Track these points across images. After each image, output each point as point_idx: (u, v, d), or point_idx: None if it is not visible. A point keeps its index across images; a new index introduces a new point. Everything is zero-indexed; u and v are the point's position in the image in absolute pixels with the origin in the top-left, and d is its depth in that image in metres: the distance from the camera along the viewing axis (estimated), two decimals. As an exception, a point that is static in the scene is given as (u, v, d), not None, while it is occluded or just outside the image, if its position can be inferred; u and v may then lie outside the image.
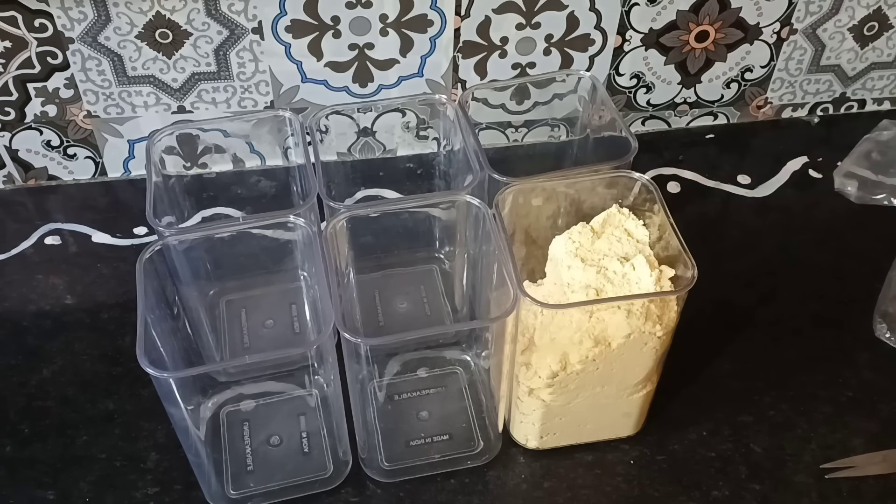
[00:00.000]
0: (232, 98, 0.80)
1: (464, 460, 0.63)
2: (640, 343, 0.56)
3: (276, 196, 0.80)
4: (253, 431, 0.64)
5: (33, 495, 0.61)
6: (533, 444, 0.63)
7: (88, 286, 0.75)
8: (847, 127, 0.91)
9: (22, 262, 0.77)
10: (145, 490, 0.61)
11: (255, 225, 0.61)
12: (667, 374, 0.62)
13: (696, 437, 0.65)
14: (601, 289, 0.55)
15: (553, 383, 0.57)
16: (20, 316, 0.73)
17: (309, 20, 0.76)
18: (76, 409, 0.66)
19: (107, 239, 0.79)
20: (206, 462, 0.60)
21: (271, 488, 0.61)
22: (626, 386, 0.59)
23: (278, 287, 0.72)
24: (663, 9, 0.80)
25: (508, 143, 0.87)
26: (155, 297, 0.57)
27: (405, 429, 0.64)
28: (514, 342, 0.57)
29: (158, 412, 0.55)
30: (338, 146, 0.82)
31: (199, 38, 0.75)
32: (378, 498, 0.61)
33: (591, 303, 0.55)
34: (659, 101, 0.89)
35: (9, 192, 0.84)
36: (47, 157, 0.83)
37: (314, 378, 0.66)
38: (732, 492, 0.62)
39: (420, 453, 0.63)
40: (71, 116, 0.80)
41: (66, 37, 0.74)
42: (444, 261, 0.75)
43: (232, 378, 0.66)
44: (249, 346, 0.70)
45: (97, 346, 0.70)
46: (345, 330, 0.52)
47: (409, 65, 0.80)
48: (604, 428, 0.63)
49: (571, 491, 0.62)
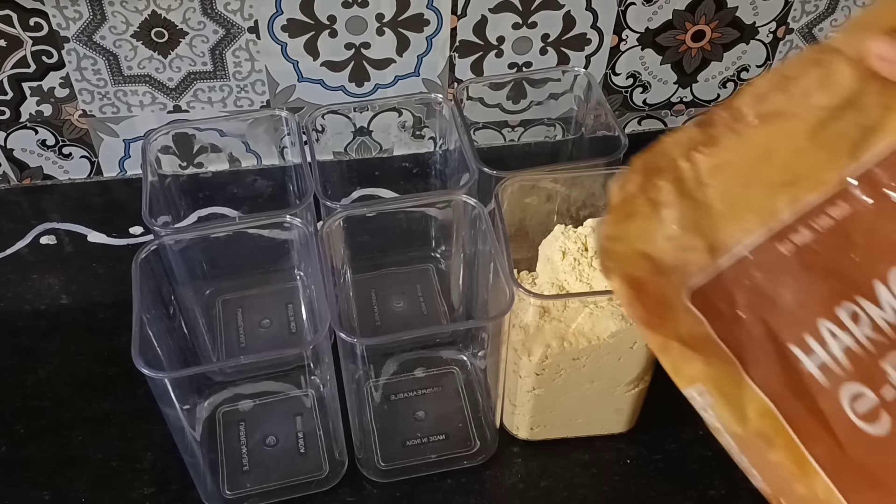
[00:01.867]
0: (228, 97, 0.80)
1: (460, 460, 0.63)
2: (629, 341, 0.56)
3: (273, 196, 0.80)
4: (249, 431, 0.64)
5: (29, 496, 0.61)
6: (524, 435, 0.63)
7: (84, 286, 0.75)
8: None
9: (17, 261, 0.77)
10: (141, 490, 0.61)
11: (252, 224, 0.61)
12: (662, 373, 0.61)
13: (693, 437, 0.65)
14: (591, 287, 0.56)
15: (540, 372, 0.57)
16: (15, 316, 0.73)
17: (305, 19, 0.75)
18: (72, 410, 0.66)
19: (102, 238, 0.79)
20: (202, 462, 0.60)
21: (267, 488, 0.61)
22: (616, 383, 0.59)
23: (275, 287, 0.72)
24: (659, 8, 0.80)
25: (504, 143, 0.87)
26: (151, 296, 0.57)
27: (402, 429, 0.64)
28: (509, 341, 0.57)
29: (154, 412, 0.55)
30: (334, 146, 0.82)
31: (195, 38, 0.75)
32: (374, 498, 0.61)
33: (580, 295, 0.55)
34: (655, 101, 0.89)
35: (4, 191, 0.83)
36: (42, 156, 0.82)
37: (310, 378, 0.66)
38: (729, 491, 0.62)
39: (416, 453, 0.63)
40: (66, 116, 0.79)
41: (62, 36, 0.74)
42: (441, 260, 0.75)
43: (228, 378, 0.66)
44: (245, 346, 0.70)
45: (93, 346, 0.70)
46: (341, 330, 0.52)
47: (405, 64, 0.80)
48: (595, 423, 0.63)
49: (568, 490, 0.62)
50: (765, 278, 0.34)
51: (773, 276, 0.34)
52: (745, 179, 0.35)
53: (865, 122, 0.35)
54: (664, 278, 0.34)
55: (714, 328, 0.34)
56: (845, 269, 0.34)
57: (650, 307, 0.34)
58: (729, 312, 0.34)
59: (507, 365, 0.59)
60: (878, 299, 0.33)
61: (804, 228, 0.34)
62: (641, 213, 0.35)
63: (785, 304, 0.33)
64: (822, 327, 0.33)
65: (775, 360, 0.33)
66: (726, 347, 0.33)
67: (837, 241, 0.34)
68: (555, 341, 0.56)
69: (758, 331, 0.33)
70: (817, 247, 0.34)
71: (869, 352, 0.33)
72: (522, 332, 0.57)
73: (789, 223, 0.34)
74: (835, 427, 0.32)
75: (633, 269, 0.34)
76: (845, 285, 0.33)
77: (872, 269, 0.33)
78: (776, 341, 0.33)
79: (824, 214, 0.34)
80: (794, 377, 0.33)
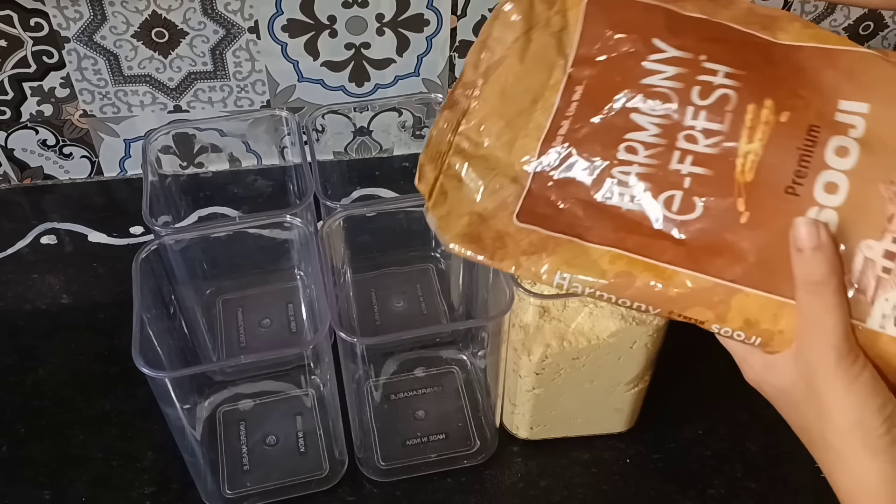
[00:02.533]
0: (228, 97, 0.80)
1: (460, 459, 0.63)
2: (629, 340, 0.56)
3: (273, 195, 0.80)
4: (249, 431, 0.64)
5: (29, 495, 0.61)
6: (524, 434, 0.63)
7: (84, 286, 0.75)
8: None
9: (18, 261, 0.77)
10: (141, 490, 0.61)
11: (252, 224, 0.61)
12: (662, 373, 0.62)
13: (692, 436, 0.65)
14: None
15: (540, 372, 0.57)
16: (16, 315, 0.73)
17: (305, 19, 0.76)
18: (72, 409, 0.66)
19: (103, 238, 0.79)
20: (202, 462, 0.60)
21: (267, 488, 0.61)
22: (616, 382, 0.60)
23: (275, 286, 0.72)
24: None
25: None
26: (151, 296, 0.57)
27: (401, 428, 0.64)
28: (509, 340, 0.57)
29: (155, 412, 0.55)
30: (334, 145, 0.82)
31: (195, 38, 0.75)
32: (374, 497, 0.61)
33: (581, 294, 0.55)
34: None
35: (4, 191, 0.83)
36: (43, 156, 0.82)
37: (310, 378, 0.66)
38: (728, 490, 0.62)
39: (416, 453, 0.63)
40: (67, 116, 0.80)
41: (62, 36, 0.74)
42: (441, 260, 0.75)
43: (228, 378, 0.66)
44: (246, 345, 0.70)
45: (93, 345, 0.70)
46: (341, 329, 0.52)
47: (405, 64, 0.80)
48: (595, 423, 0.63)
49: (568, 490, 0.62)
50: (559, 171, 0.42)
51: (563, 165, 0.42)
52: (504, 120, 0.43)
53: (553, 29, 0.44)
54: (494, 219, 0.42)
55: (545, 228, 0.41)
56: (605, 124, 0.41)
57: (490, 246, 0.41)
58: (550, 211, 0.41)
59: (507, 364, 0.59)
60: (638, 125, 0.41)
61: (562, 121, 0.42)
62: (450, 188, 0.43)
63: (583, 176, 0.41)
64: (616, 172, 0.41)
65: (600, 218, 0.41)
66: (562, 234, 0.41)
67: (588, 111, 0.42)
68: (554, 341, 0.56)
69: (577, 208, 0.41)
70: (578, 125, 0.42)
71: (656, 165, 0.40)
72: (522, 332, 0.57)
73: (551, 125, 0.42)
74: (667, 232, 0.40)
75: (466, 229, 0.42)
76: (612, 133, 0.41)
77: (623, 110, 0.41)
78: (593, 204, 0.41)
79: (570, 102, 0.42)
80: (619, 220, 0.41)
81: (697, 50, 0.41)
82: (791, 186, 0.39)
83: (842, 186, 0.38)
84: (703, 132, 0.40)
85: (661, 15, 0.42)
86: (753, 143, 0.39)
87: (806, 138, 0.39)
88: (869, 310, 0.37)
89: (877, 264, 0.37)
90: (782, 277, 0.38)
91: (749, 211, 0.39)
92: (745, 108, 0.40)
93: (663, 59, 0.41)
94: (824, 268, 0.36)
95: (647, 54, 0.42)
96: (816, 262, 0.36)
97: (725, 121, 0.40)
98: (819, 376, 0.36)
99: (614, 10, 0.43)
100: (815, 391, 0.37)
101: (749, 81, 0.40)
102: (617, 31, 0.42)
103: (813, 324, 0.36)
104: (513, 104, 0.43)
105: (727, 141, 0.40)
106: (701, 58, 0.41)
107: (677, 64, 0.41)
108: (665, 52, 0.41)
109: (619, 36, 0.42)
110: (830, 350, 0.36)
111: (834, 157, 0.38)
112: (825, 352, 0.36)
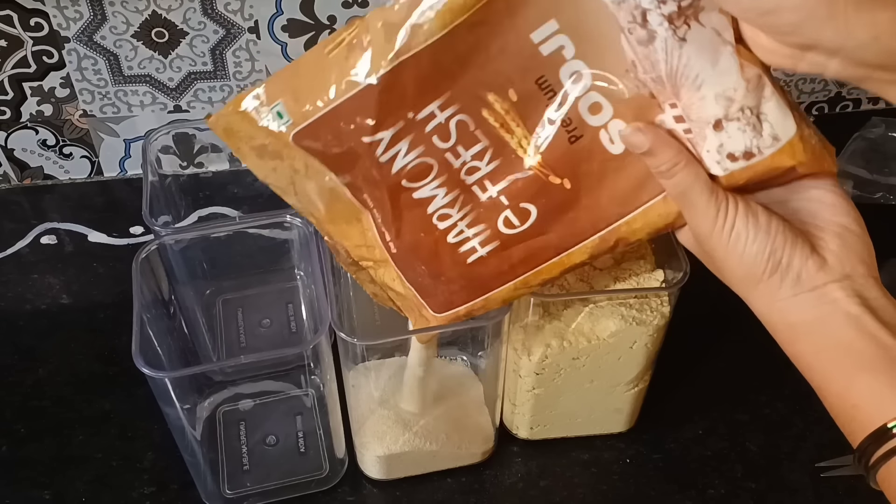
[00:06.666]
0: (228, 97, 0.80)
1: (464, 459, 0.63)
2: (629, 340, 0.56)
3: (273, 195, 0.80)
4: (249, 431, 0.64)
5: (29, 495, 0.61)
6: (524, 434, 0.63)
7: (84, 286, 0.75)
8: (842, 126, 0.91)
9: (17, 261, 0.77)
10: (141, 490, 0.61)
11: (252, 224, 0.61)
12: (662, 373, 0.62)
13: (692, 436, 0.65)
14: (591, 287, 0.56)
15: (540, 372, 0.57)
16: (16, 315, 0.73)
17: (305, 19, 0.76)
18: (72, 409, 0.66)
19: (103, 238, 0.79)
20: (202, 462, 0.60)
21: (267, 488, 0.61)
22: (616, 383, 0.60)
23: (275, 286, 0.72)
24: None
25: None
26: (151, 296, 0.57)
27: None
28: (509, 340, 0.57)
29: (155, 412, 0.55)
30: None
31: (195, 38, 0.75)
32: (374, 497, 0.61)
33: (580, 294, 0.55)
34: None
35: (4, 191, 0.83)
36: (43, 156, 0.82)
37: (310, 378, 0.66)
38: (728, 490, 0.62)
39: (416, 452, 0.63)
40: (67, 116, 0.80)
41: (62, 36, 0.74)
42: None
43: (228, 378, 0.66)
44: (246, 345, 0.70)
45: (93, 345, 0.70)
46: (341, 330, 0.52)
47: (405, 64, 0.80)
48: (595, 423, 0.63)
49: (568, 489, 0.62)
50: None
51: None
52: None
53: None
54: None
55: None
56: (409, 220, 0.46)
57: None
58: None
59: (507, 365, 0.59)
60: (428, 198, 0.45)
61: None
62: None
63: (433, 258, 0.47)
64: (450, 238, 0.46)
65: (470, 278, 0.47)
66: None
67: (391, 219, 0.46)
68: (554, 341, 0.56)
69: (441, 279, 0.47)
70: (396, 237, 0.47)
71: (471, 209, 0.45)
72: (522, 332, 0.57)
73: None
74: (534, 239, 0.45)
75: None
76: (422, 220, 0.46)
77: (409, 201, 0.45)
78: (461, 273, 0.47)
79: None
80: (486, 265, 0.46)
81: (400, 114, 0.42)
82: (571, 135, 0.42)
83: (602, 102, 0.40)
84: (475, 158, 0.43)
85: (353, 118, 0.43)
86: (516, 131, 0.42)
87: (542, 92, 0.41)
88: (705, 165, 0.40)
89: (677, 132, 0.40)
90: (641, 191, 0.42)
91: (566, 177, 0.43)
92: (482, 116, 0.42)
93: (388, 142, 0.43)
94: (666, 154, 0.40)
95: (375, 151, 0.44)
96: (658, 154, 0.40)
97: (480, 137, 0.43)
98: (706, 242, 0.41)
99: (323, 135, 0.44)
100: (707, 254, 0.42)
101: (461, 97, 0.42)
102: (333, 147, 0.44)
103: (685, 197, 0.40)
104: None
105: (498, 147, 0.43)
106: (409, 115, 0.42)
107: (401, 136, 0.43)
108: (383, 138, 0.43)
109: (338, 150, 0.44)
110: (707, 209, 0.40)
111: (572, 85, 0.41)
112: (703, 214, 0.40)
